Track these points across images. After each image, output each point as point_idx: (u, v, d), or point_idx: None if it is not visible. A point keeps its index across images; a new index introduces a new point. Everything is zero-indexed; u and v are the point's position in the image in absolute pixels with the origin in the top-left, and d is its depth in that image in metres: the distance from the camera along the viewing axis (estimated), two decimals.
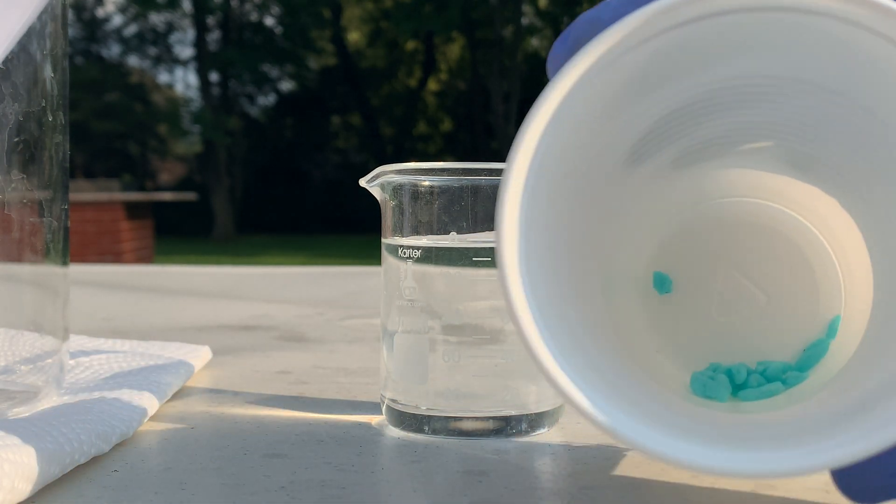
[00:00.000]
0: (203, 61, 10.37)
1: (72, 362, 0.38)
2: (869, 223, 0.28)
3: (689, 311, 0.31)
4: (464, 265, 0.33)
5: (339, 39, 10.72)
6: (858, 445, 0.19)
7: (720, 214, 0.31)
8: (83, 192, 4.85)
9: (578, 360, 0.22)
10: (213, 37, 10.99)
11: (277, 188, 10.49)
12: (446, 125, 11.16)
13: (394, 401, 0.33)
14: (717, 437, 0.23)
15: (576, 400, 0.21)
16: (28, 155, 0.31)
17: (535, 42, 10.42)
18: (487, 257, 0.32)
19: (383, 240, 0.34)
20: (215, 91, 10.81)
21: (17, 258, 0.31)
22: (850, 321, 0.29)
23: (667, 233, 0.31)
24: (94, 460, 0.29)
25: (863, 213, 0.28)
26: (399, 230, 0.34)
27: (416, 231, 0.33)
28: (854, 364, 0.27)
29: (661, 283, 0.31)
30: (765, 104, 0.26)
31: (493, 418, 0.32)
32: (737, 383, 0.30)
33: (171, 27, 11.28)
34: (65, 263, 0.33)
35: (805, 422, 0.24)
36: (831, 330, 0.30)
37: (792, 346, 0.30)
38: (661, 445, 0.20)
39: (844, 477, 0.21)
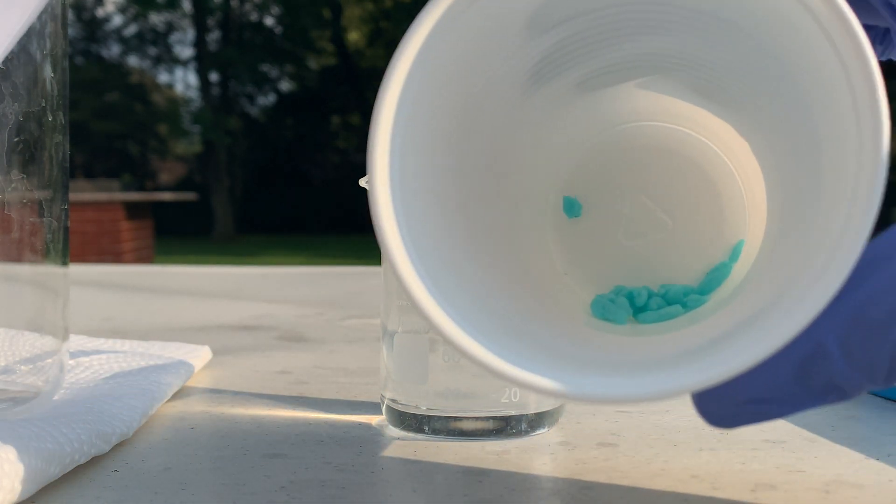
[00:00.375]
0: (203, 61, 10.37)
1: (72, 362, 0.38)
2: (764, 151, 0.28)
3: (597, 234, 0.31)
4: None
5: (339, 39, 10.72)
6: (713, 371, 0.19)
7: (629, 138, 0.31)
8: (83, 192, 4.85)
9: (450, 282, 0.22)
10: (213, 37, 10.99)
11: (277, 188, 10.49)
12: None
13: (394, 401, 0.33)
14: (588, 363, 0.23)
15: (440, 326, 0.21)
16: (28, 155, 0.31)
17: None
18: None
19: None
20: (215, 91, 10.81)
21: (17, 258, 0.31)
22: (753, 246, 0.29)
23: (577, 157, 0.31)
24: (94, 460, 0.29)
25: (759, 141, 0.28)
26: None
27: None
28: (742, 290, 0.28)
29: (570, 207, 0.31)
30: (665, 31, 0.26)
31: (493, 418, 0.32)
32: (637, 306, 0.30)
33: (171, 27, 11.29)
34: (65, 263, 0.33)
35: (682, 347, 0.24)
36: (734, 254, 0.30)
37: (697, 270, 0.30)
38: (504, 365, 0.20)
39: (703, 400, 0.21)
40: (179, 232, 9.02)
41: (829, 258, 0.19)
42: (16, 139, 0.30)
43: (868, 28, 0.27)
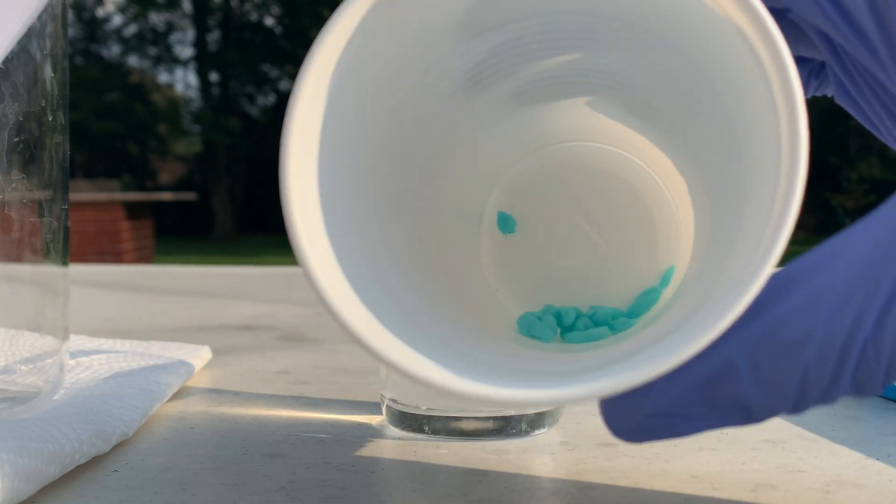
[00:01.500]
0: (203, 61, 10.38)
1: (72, 362, 0.38)
2: (693, 174, 0.28)
3: (531, 252, 0.31)
4: None
5: None
6: (616, 379, 0.19)
7: (567, 157, 0.31)
8: (83, 192, 4.86)
9: (372, 291, 0.22)
10: (213, 37, 11.00)
11: (277, 188, 10.47)
12: None
13: (394, 401, 0.33)
14: (500, 371, 0.23)
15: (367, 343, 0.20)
16: (28, 155, 0.31)
17: None
18: None
19: None
20: (215, 91, 10.82)
21: (17, 258, 0.31)
22: (683, 272, 0.29)
23: (513, 172, 0.31)
24: (94, 460, 0.29)
25: (687, 165, 0.28)
26: None
27: None
28: (666, 309, 0.28)
29: (505, 223, 0.31)
30: (597, 46, 0.26)
31: (494, 418, 0.32)
32: (565, 325, 0.30)
33: (171, 27, 11.30)
34: (65, 263, 0.33)
35: (596, 360, 0.24)
36: (665, 279, 0.30)
37: (627, 293, 0.30)
38: (418, 365, 0.20)
39: (609, 412, 0.21)
40: (179, 232, 9.02)
41: (738, 276, 0.19)
42: (16, 139, 0.30)
43: (803, 61, 0.27)
